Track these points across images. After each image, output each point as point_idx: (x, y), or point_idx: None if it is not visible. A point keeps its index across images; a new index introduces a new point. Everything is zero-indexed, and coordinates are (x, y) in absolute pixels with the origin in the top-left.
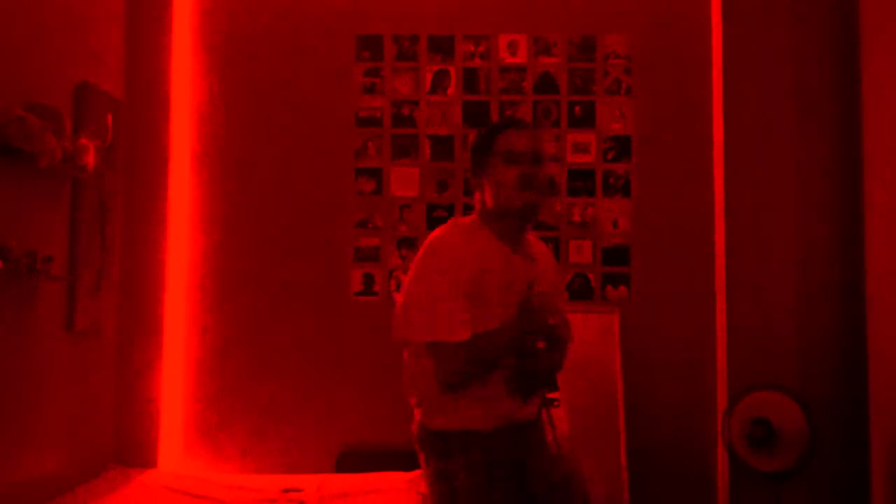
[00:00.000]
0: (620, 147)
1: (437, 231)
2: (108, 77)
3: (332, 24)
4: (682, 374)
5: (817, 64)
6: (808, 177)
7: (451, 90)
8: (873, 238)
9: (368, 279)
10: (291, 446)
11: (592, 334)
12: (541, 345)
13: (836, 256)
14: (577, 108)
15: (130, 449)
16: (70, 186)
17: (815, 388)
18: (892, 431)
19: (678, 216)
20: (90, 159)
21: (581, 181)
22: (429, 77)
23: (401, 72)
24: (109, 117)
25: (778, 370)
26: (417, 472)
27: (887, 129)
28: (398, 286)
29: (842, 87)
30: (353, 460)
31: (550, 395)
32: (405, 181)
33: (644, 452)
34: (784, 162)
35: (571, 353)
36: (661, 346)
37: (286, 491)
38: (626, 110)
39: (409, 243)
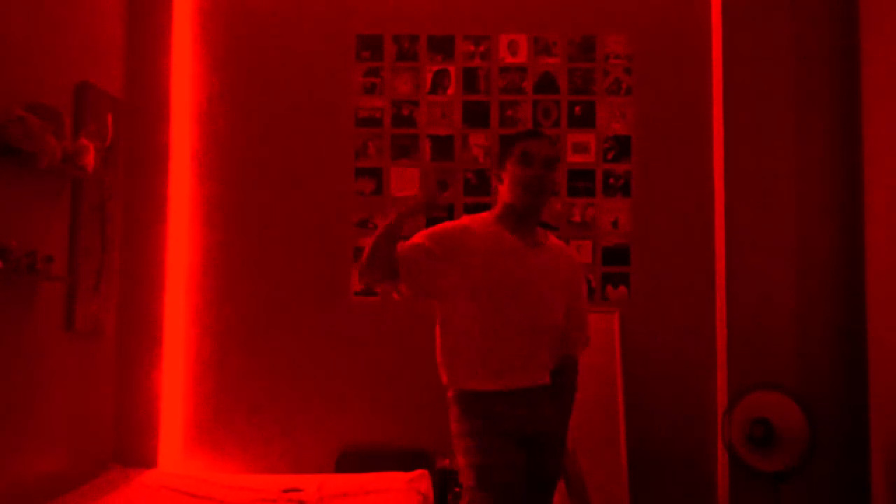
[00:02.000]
0: (620, 147)
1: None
2: (108, 77)
3: (332, 24)
4: (682, 374)
5: (817, 64)
6: (808, 177)
7: (451, 90)
8: (873, 238)
9: None
10: (291, 446)
11: (592, 334)
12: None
13: (836, 256)
14: (577, 108)
15: (130, 449)
16: (70, 186)
17: (815, 388)
18: (892, 431)
19: (678, 216)
20: (90, 159)
21: (581, 181)
22: (429, 77)
23: (401, 72)
24: (109, 117)
25: (778, 370)
26: (417, 472)
27: (887, 129)
28: None
29: (842, 87)
30: (353, 460)
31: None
32: (405, 181)
33: (644, 452)
34: (784, 162)
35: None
36: (661, 346)
37: (286, 491)
38: (626, 110)
39: None
